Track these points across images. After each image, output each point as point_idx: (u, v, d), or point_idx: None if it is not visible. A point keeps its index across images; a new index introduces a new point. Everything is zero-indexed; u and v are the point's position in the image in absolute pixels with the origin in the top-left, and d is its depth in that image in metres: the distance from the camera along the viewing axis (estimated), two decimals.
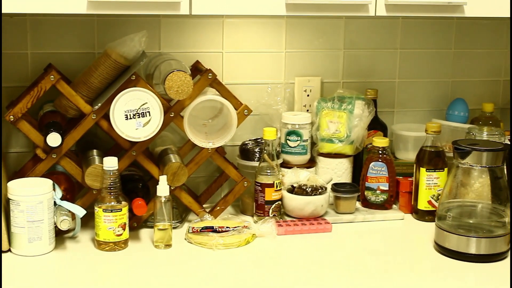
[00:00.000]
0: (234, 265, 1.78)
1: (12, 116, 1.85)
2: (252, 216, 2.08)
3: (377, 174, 2.12)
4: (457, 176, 1.86)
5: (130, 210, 1.87)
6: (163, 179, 1.87)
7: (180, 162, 1.92)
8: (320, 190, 2.05)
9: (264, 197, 2.03)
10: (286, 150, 2.16)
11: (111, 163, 1.82)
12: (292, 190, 2.06)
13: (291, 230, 1.98)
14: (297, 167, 2.13)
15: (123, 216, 1.84)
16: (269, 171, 2.03)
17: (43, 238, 1.79)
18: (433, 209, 2.05)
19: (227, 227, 1.94)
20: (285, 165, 2.15)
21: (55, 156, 1.88)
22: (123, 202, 1.84)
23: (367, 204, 2.15)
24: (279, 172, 2.06)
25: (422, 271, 1.76)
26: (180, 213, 2.05)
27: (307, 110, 2.26)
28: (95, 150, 1.97)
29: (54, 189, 1.84)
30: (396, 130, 2.30)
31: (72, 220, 1.86)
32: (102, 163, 1.83)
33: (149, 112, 1.84)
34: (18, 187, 1.78)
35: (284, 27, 2.23)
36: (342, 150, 2.16)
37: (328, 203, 2.08)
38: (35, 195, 1.77)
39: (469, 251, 1.81)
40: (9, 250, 1.80)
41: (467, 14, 1.93)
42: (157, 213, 1.86)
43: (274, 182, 2.03)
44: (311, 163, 2.19)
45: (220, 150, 2.09)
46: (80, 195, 1.97)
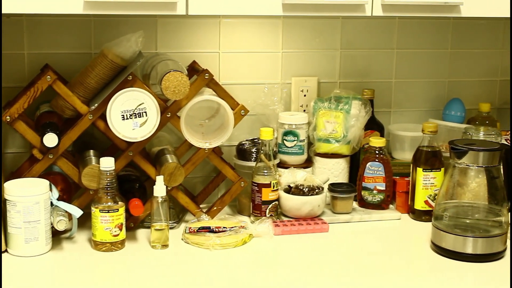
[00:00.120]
0: (231, 265, 1.78)
1: (9, 117, 1.84)
2: (249, 216, 2.08)
3: (374, 174, 2.12)
4: (454, 176, 1.86)
5: (127, 211, 1.87)
6: (160, 179, 1.87)
7: (177, 163, 1.92)
8: (317, 190, 2.05)
9: (261, 197, 2.03)
10: (283, 150, 2.16)
11: (108, 164, 1.82)
12: (289, 190, 2.06)
13: (288, 230, 1.98)
14: (294, 167, 2.13)
15: (120, 217, 1.83)
16: (266, 171, 2.03)
17: (40, 239, 1.79)
18: (430, 209, 2.05)
19: (224, 227, 1.94)
20: (282, 165, 2.15)
21: (52, 157, 1.88)
22: (120, 203, 1.84)
23: (364, 204, 2.15)
24: (276, 172, 2.06)
25: (419, 271, 1.76)
26: (177, 214, 2.05)
27: (304, 110, 2.26)
28: (92, 151, 1.97)
29: (51, 190, 1.84)
30: (393, 130, 2.30)
31: (69, 221, 1.85)
32: (99, 164, 1.83)
33: (146, 113, 1.84)
34: (15, 188, 1.78)
35: (281, 27, 2.23)
36: (339, 150, 2.16)
37: (325, 203, 2.08)
38: (32, 196, 1.77)
39: (466, 251, 1.81)
40: (6, 251, 1.80)
41: (464, 14, 1.93)
42: (154, 214, 1.86)
43: (271, 182, 2.03)
44: (308, 163, 2.19)
45: (217, 150, 2.09)
46: (77, 196, 1.97)
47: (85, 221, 1.91)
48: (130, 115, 1.83)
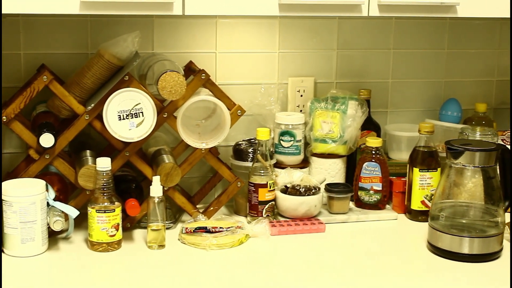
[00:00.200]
0: (228, 266, 1.78)
1: (5, 117, 1.84)
2: (246, 217, 2.08)
3: (371, 174, 2.12)
4: (450, 176, 1.86)
5: (124, 211, 1.86)
6: (157, 180, 1.86)
7: (174, 163, 1.92)
8: (314, 190, 2.05)
9: (258, 198, 2.03)
10: (280, 151, 2.16)
11: (104, 164, 1.82)
12: (286, 191, 2.06)
13: (285, 231, 1.98)
14: (291, 168, 2.13)
15: (116, 217, 1.83)
16: (263, 172, 2.03)
17: (36, 239, 1.79)
18: (426, 209, 2.05)
19: (221, 228, 1.94)
20: (279, 166, 2.15)
21: (48, 157, 1.88)
22: (116, 203, 1.84)
23: (361, 204, 2.15)
24: (273, 173, 2.06)
25: (415, 271, 1.77)
26: (174, 214, 2.05)
27: (301, 111, 2.26)
28: (88, 151, 1.97)
29: (47, 190, 1.83)
30: (390, 130, 2.30)
31: (65, 221, 1.85)
32: (95, 164, 1.83)
33: (142, 113, 1.84)
34: (11, 188, 1.77)
35: (278, 28, 2.23)
36: (336, 151, 2.17)
37: (322, 203, 2.08)
38: (28, 196, 1.77)
39: (462, 251, 1.81)
40: (2, 251, 1.79)
41: (460, 15, 1.93)
42: (151, 214, 1.86)
43: (268, 183, 2.03)
44: (305, 163, 2.19)
45: (214, 151, 2.09)
46: (73, 196, 1.97)
47: (82, 222, 1.91)
48: (127, 115, 1.83)
